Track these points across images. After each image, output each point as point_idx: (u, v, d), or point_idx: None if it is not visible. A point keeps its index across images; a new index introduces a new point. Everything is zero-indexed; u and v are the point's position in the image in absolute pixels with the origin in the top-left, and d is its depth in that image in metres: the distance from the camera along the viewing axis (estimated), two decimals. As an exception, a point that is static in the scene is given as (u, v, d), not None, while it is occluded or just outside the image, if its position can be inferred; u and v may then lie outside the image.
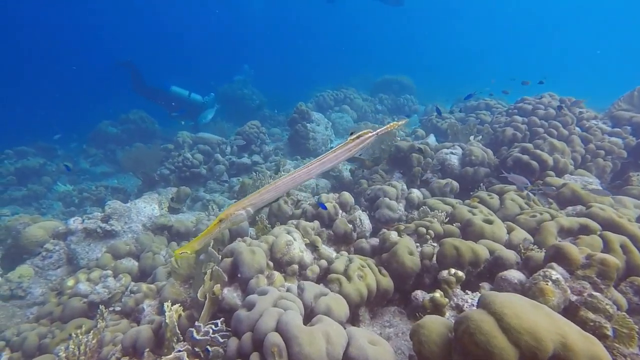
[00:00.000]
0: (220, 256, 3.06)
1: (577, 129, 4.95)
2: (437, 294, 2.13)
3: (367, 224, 3.80)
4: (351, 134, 2.15)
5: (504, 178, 3.90)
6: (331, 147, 10.61)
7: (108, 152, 14.33)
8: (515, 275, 2.04)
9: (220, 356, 2.38)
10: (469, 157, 4.66)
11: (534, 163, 3.95)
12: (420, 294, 2.58)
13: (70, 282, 3.80)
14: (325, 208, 3.70)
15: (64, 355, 2.45)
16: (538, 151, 4.03)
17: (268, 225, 4.07)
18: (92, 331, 2.63)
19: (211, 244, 3.26)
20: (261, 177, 6.21)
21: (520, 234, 2.65)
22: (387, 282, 2.77)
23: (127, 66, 12.30)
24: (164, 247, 4.70)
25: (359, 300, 2.67)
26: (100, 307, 3.20)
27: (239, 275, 2.88)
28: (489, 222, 2.80)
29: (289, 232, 3.27)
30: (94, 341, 2.59)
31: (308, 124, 9.73)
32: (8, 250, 4.39)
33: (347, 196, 4.11)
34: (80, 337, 2.56)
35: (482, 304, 1.52)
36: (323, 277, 3.01)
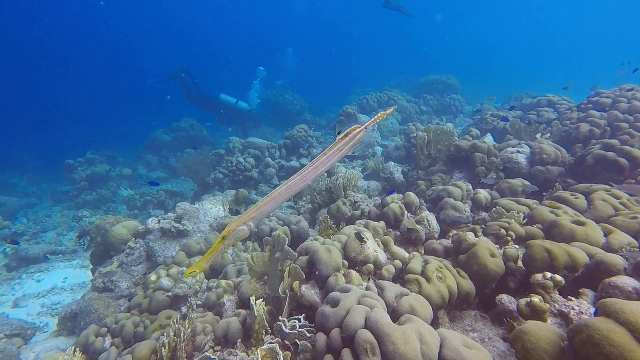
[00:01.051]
0: (297, 254, 3.18)
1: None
2: (536, 299, 2.06)
3: (435, 225, 3.76)
4: (338, 133, 2.06)
5: (586, 177, 3.65)
6: (377, 149, 10.56)
7: (162, 158, 15.42)
8: (628, 282, 1.91)
9: (308, 350, 2.48)
10: (539, 156, 4.44)
11: (623, 161, 3.65)
12: (506, 299, 2.51)
13: (153, 278, 4.14)
14: (393, 192, 3.72)
15: (167, 340, 2.68)
16: (627, 147, 3.73)
17: (333, 225, 4.16)
18: (187, 320, 2.85)
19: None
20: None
21: (621, 238, 2.47)
22: (469, 284, 2.73)
23: (184, 73, 13.13)
24: (231, 247, 4.95)
25: (441, 303, 2.65)
26: (190, 299, 3.46)
27: (317, 273, 2.98)
28: (580, 223, 2.65)
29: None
30: (188, 330, 2.80)
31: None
32: (98, 248, 4.89)
33: (413, 197, 4.09)
34: (178, 325, 2.78)
35: (606, 313, 1.46)
36: (397, 278, 3.03)
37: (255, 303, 2.82)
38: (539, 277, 2.23)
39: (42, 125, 23.42)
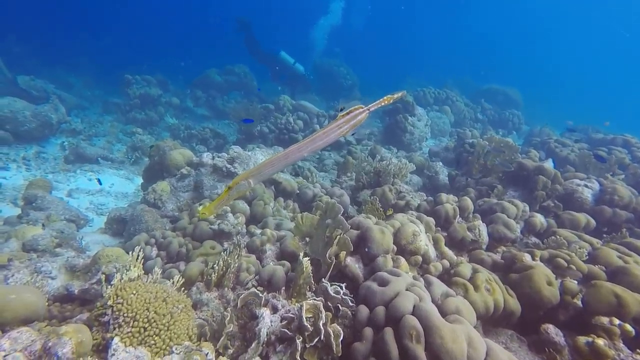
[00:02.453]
0: (349, 225, 3.24)
1: None
2: (601, 341, 2.03)
3: (485, 236, 3.71)
4: (341, 109, 2.01)
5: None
6: (427, 143, 10.32)
7: (210, 97, 15.65)
8: None
9: (347, 317, 2.58)
10: (610, 196, 4.23)
11: None
12: (553, 329, 2.50)
13: (200, 208, 4.35)
14: None
15: (217, 267, 2.86)
16: None
17: (380, 208, 4.18)
18: (235, 255, 3.00)
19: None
20: (360, 159, 6.30)
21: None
22: (515, 304, 2.72)
23: (245, 27, 13.13)
24: (272, 199, 5.09)
25: (484, 313, 2.67)
26: (236, 237, 3.63)
27: (365, 250, 3.05)
28: (653, 278, 2.55)
29: (413, 222, 3.33)
30: (236, 264, 2.96)
31: (410, 117, 9.52)
32: (152, 166, 5.14)
33: (469, 202, 4.02)
34: (227, 257, 2.95)
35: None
36: (442, 278, 3.05)
37: (303, 259, 2.93)
38: (604, 320, 2.19)
39: (101, 34, 23.98)
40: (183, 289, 2.84)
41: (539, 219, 4.09)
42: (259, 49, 13.32)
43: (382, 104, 2.04)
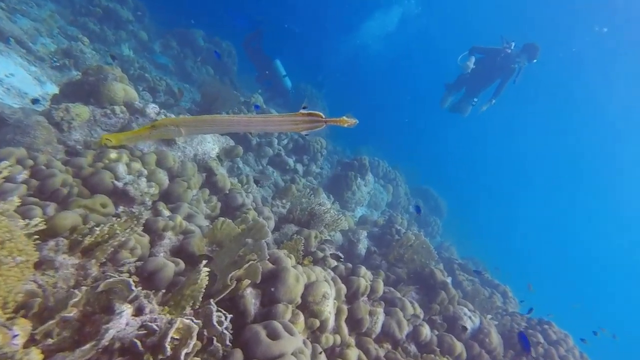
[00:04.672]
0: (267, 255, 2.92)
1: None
2: None
3: (379, 327, 3.66)
4: (304, 107, 2.01)
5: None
6: (359, 210, 10.59)
7: (182, 54, 14.35)
8: None
9: (216, 357, 2.18)
10: (483, 337, 4.59)
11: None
12: None
13: (113, 155, 3.64)
14: (419, 210, 3.57)
15: (98, 230, 2.27)
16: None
17: (301, 251, 3.93)
18: (128, 227, 2.44)
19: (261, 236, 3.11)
20: (302, 192, 6.10)
21: None
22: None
23: (257, 30, 12.93)
24: (197, 187, 4.55)
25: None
26: (141, 208, 3.02)
27: (271, 290, 2.72)
28: None
29: (327, 283, 3.13)
30: (123, 238, 2.39)
31: (360, 179, 9.79)
32: (81, 84, 4.26)
33: (380, 286, 4.00)
34: (118, 226, 2.38)
35: None
36: (326, 353, 2.83)
37: (203, 269, 2.50)
38: None
39: None
40: (37, 237, 2.17)
41: (426, 330, 4.21)
42: (259, 47, 13.02)
43: (338, 123, 2.03)
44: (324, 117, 1.99)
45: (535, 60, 8.82)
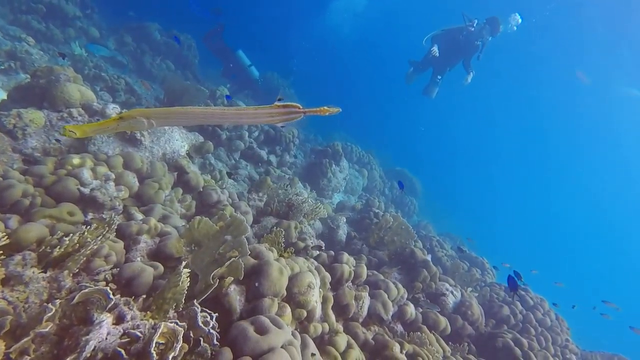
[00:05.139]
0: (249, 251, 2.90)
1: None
2: None
3: (365, 311, 3.76)
4: (279, 99, 1.97)
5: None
6: (336, 197, 10.69)
7: (139, 50, 13.58)
8: None
9: (205, 358, 2.17)
10: (465, 309, 4.83)
11: (523, 362, 4.13)
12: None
13: (76, 161, 3.45)
14: (402, 185, 3.64)
15: (68, 241, 2.16)
16: (530, 353, 4.24)
17: (282, 243, 3.93)
18: (100, 234, 2.34)
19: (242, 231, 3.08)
20: (278, 184, 6.07)
21: None
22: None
23: (218, 25, 12.50)
24: (170, 187, 4.42)
25: (346, 387, 2.56)
26: (111, 213, 2.88)
27: (255, 285, 2.73)
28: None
29: (311, 272, 3.17)
30: (95, 246, 2.29)
31: (334, 165, 9.85)
32: (32, 88, 3.96)
33: (364, 270, 4.09)
34: (88, 234, 2.27)
35: None
36: (316, 341, 2.89)
37: (183, 270, 2.46)
38: None
39: None
40: (1, 253, 2.05)
41: (411, 308, 4.38)
42: (219, 40, 12.60)
43: (318, 112, 1.98)
44: (301, 107, 1.94)
45: (498, 34, 9.04)
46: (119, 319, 2.09)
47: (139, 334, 2.04)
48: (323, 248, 4.51)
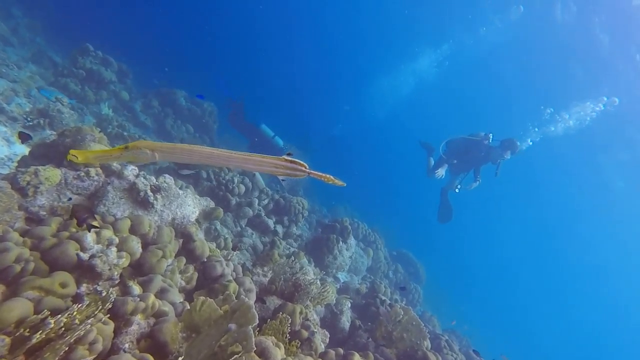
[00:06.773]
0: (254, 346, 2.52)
1: None
2: None
3: None
4: (288, 154, 1.96)
5: None
6: (340, 275, 10.11)
7: (163, 113, 14.32)
8: None
9: None
10: None
11: None
12: None
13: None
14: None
15: (53, 324, 1.86)
16: None
17: (287, 333, 3.49)
18: (91, 314, 2.04)
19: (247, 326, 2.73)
20: (284, 260, 5.72)
21: None
22: None
23: (236, 105, 13.75)
24: (173, 256, 4.14)
25: None
26: (108, 286, 2.60)
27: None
28: None
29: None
30: (81, 333, 1.97)
31: (342, 242, 9.51)
32: (56, 145, 3.99)
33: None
34: (78, 315, 1.97)
35: None
36: None
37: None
38: None
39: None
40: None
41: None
42: (243, 121, 13.71)
43: (322, 178, 2.01)
44: (307, 167, 1.95)
45: (517, 151, 9.48)
46: None
47: None
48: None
